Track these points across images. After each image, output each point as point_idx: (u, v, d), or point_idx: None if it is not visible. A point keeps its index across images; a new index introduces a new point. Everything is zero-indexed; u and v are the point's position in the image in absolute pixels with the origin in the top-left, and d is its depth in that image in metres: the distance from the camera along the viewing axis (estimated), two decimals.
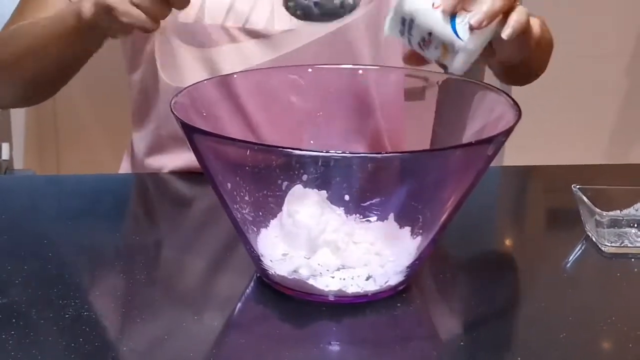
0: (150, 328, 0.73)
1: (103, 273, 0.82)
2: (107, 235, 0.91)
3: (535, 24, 0.85)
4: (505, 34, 0.79)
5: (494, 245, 0.96)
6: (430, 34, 0.80)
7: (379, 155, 0.82)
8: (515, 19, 0.80)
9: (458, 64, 0.80)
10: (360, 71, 1.03)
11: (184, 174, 1.09)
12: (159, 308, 0.76)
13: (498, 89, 0.84)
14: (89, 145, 2.36)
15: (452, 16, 0.79)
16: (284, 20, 1.06)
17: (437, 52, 0.81)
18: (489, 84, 0.87)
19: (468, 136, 0.86)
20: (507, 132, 0.73)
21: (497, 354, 0.71)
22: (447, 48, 0.80)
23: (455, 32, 0.79)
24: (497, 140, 0.73)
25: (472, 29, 0.78)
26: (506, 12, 0.80)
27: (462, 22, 0.79)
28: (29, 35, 1.04)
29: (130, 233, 0.95)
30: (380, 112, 1.11)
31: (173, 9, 0.91)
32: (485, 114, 0.83)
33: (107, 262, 0.85)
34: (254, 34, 1.07)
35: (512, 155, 2.20)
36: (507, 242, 0.97)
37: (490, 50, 0.84)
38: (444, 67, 0.83)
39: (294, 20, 1.02)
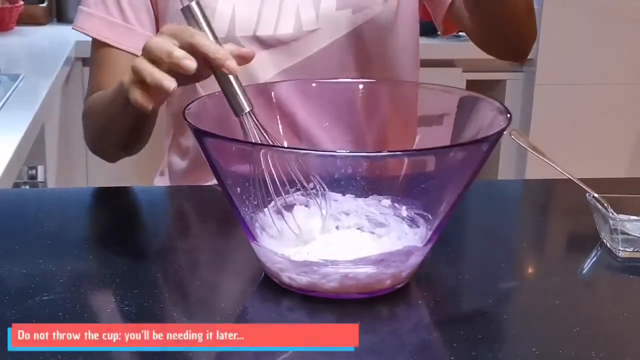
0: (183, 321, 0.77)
1: (137, 274, 0.87)
2: (138, 241, 0.96)
3: None
4: None
5: (510, 251, 0.98)
6: None
7: (384, 154, 0.86)
8: None
9: None
10: (372, 84, 1.03)
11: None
12: (191, 303, 0.80)
13: (494, 99, 0.87)
14: (116, 166, 2.42)
15: None
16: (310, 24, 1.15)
17: None
18: (489, 98, 0.90)
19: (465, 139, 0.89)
20: (498, 135, 0.77)
21: (506, 346, 0.75)
22: None
23: None
24: (490, 140, 0.76)
25: None
26: None
27: None
28: (99, 109, 1.10)
29: (160, 239, 1.00)
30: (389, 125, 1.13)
31: None
32: (480, 121, 0.86)
33: (140, 264, 0.89)
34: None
35: (533, 170, 2.24)
36: (523, 246, 1.00)
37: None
38: None
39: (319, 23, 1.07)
